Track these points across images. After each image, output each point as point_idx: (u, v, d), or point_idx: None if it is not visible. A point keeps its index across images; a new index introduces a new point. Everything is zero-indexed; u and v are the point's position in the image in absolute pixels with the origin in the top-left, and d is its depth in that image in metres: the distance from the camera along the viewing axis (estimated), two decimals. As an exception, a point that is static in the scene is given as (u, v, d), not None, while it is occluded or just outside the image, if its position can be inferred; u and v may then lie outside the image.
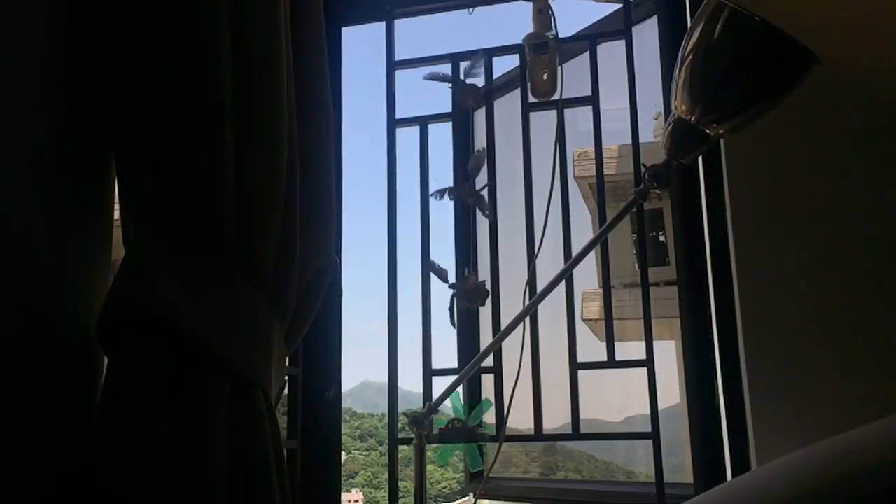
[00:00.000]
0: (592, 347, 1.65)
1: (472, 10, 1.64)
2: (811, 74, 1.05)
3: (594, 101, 1.53)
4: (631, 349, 1.49)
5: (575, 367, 1.45)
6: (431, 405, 1.40)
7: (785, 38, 1.02)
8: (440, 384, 1.45)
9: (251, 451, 0.95)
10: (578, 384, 1.44)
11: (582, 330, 1.76)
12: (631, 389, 1.63)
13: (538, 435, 1.46)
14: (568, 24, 1.58)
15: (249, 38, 1.04)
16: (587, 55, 1.55)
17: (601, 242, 1.44)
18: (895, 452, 0.72)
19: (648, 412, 1.37)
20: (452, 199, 1.57)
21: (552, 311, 1.53)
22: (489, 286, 1.51)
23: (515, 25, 1.63)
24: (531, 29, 1.56)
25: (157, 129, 0.97)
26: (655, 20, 1.53)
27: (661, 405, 1.39)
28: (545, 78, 1.54)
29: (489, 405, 1.46)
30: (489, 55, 1.60)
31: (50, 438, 0.90)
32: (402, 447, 1.51)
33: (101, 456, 0.87)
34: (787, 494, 0.78)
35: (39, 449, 0.88)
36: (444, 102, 1.61)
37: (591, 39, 1.56)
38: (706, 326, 1.38)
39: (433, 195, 1.58)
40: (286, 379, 1.29)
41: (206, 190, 0.97)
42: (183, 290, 0.93)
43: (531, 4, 1.57)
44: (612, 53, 1.54)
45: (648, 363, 1.40)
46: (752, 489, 0.88)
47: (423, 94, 1.60)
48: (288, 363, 1.32)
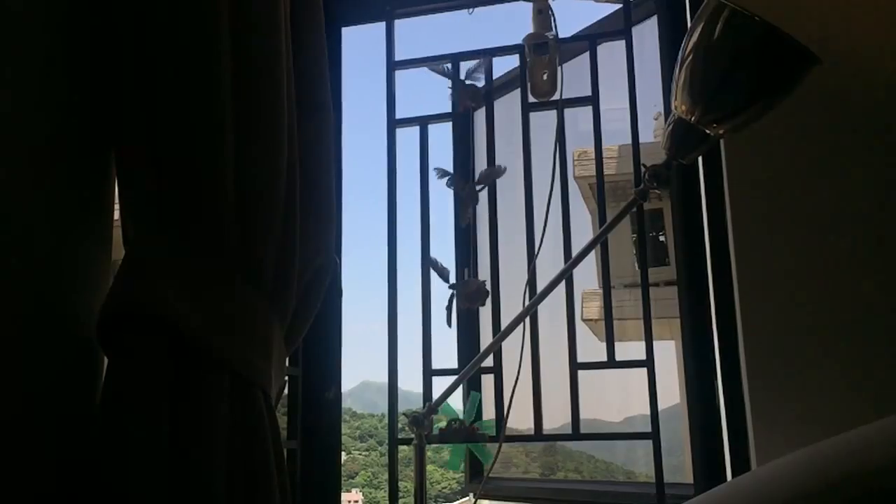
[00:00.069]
0: (592, 347, 1.65)
1: (472, 10, 1.64)
2: (811, 74, 1.05)
3: (594, 101, 1.53)
4: (631, 349, 1.49)
5: (575, 367, 1.45)
6: (431, 405, 1.40)
7: (785, 38, 1.02)
8: (440, 384, 1.45)
9: (251, 451, 0.95)
10: (578, 384, 1.44)
11: (582, 330, 1.76)
12: (631, 389, 1.63)
13: (538, 435, 1.46)
14: (568, 24, 1.58)
15: (249, 38, 1.04)
16: (587, 55, 1.55)
17: (601, 242, 1.44)
18: (895, 452, 0.72)
19: (648, 412, 1.37)
20: (452, 188, 1.57)
21: (552, 311, 1.53)
22: (489, 286, 1.51)
23: (515, 25, 1.63)
24: (531, 29, 1.56)
25: (157, 129, 0.97)
26: (655, 20, 1.52)
27: (661, 405, 1.38)
28: (545, 78, 1.54)
29: (478, 396, 1.46)
30: (489, 55, 1.60)
31: (50, 438, 0.90)
32: (402, 447, 1.51)
33: (101, 456, 0.87)
34: (787, 494, 0.78)
35: (39, 449, 0.88)
36: (444, 102, 1.61)
37: (591, 39, 1.56)
38: (706, 326, 1.38)
39: (435, 172, 1.57)
40: (286, 379, 1.29)
41: (206, 190, 0.97)
42: (183, 290, 0.93)
43: (531, 4, 1.56)
44: (612, 53, 1.54)
45: (648, 363, 1.40)
46: (752, 489, 0.88)
47: (423, 94, 1.60)
48: (288, 363, 1.32)
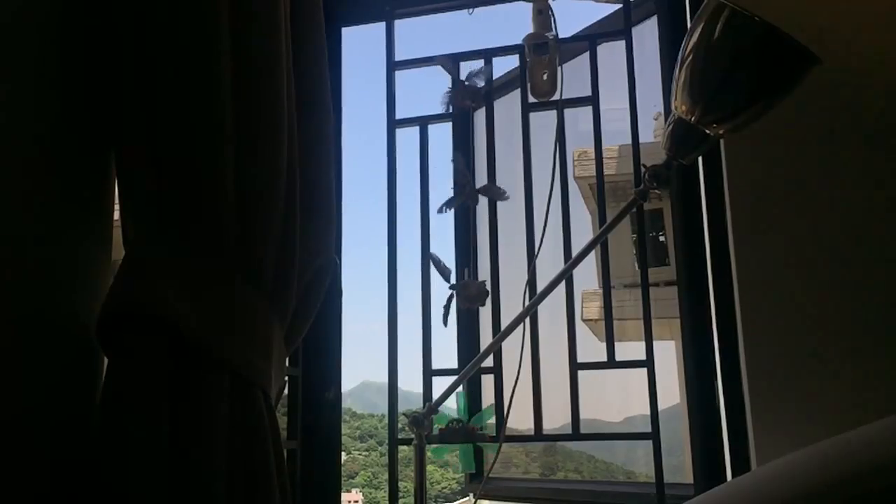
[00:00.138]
0: (592, 347, 1.65)
1: (472, 10, 1.64)
2: (811, 74, 1.05)
3: (594, 101, 1.52)
4: (631, 349, 1.49)
5: (575, 367, 1.45)
6: (431, 405, 1.40)
7: (785, 38, 1.02)
8: (440, 384, 1.45)
9: (251, 451, 0.95)
10: (578, 384, 1.44)
11: (582, 330, 1.76)
12: (631, 389, 1.63)
13: (538, 435, 1.46)
14: (568, 24, 1.58)
15: (249, 38, 1.04)
16: (587, 55, 1.55)
17: (601, 243, 1.44)
18: (895, 452, 0.72)
19: (648, 412, 1.37)
20: (456, 205, 1.57)
21: (552, 311, 1.53)
22: (489, 286, 1.51)
23: (515, 25, 1.63)
24: (531, 29, 1.56)
25: (157, 129, 0.97)
26: (655, 20, 1.52)
27: (661, 405, 1.38)
28: (545, 78, 1.54)
29: (490, 414, 1.46)
30: (489, 55, 1.60)
31: (50, 438, 0.90)
32: (402, 447, 1.51)
33: (101, 456, 0.87)
34: (787, 494, 0.78)
35: (39, 449, 0.88)
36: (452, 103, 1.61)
37: (591, 40, 1.56)
38: (706, 326, 1.38)
39: (441, 210, 1.57)
40: (286, 379, 1.29)
41: (206, 190, 0.97)
42: (183, 290, 0.93)
43: (531, 4, 1.56)
44: (612, 54, 1.54)
45: (648, 363, 1.40)
46: (752, 489, 0.88)
47: (423, 94, 1.60)
48: (288, 363, 1.32)
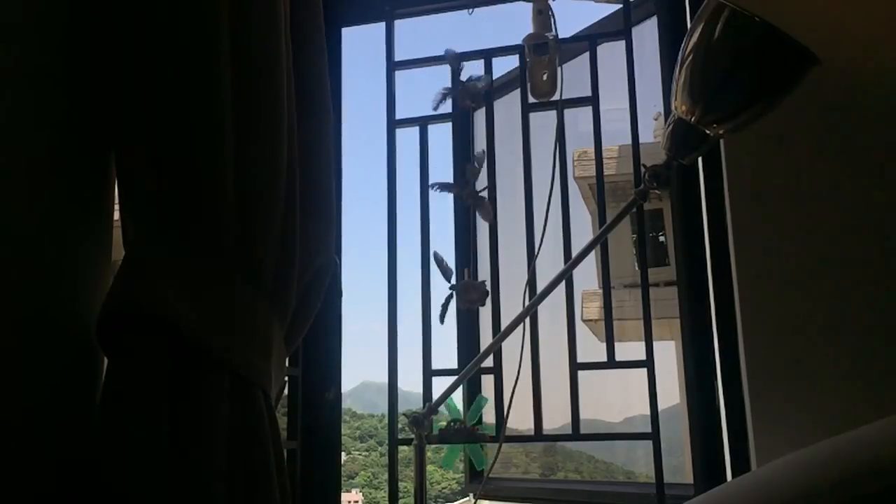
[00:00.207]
0: (592, 348, 1.65)
1: (471, 10, 1.64)
2: (811, 74, 1.05)
3: (594, 101, 1.53)
4: (631, 349, 1.49)
5: (575, 367, 1.45)
6: (431, 405, 1.40)
7: (785, 38, 1.02)
8: (440, 384, 1.45)
9: (251, 451, 0.95)
10: (578, 384, 1.44)
11: (582, 330, 1.76)
12: (631, 390, 1.63)
13: (538, 435, 1.46)
14: (568, 24, 1.58)
15: (249, 38, 1.04)
16: (587, 56, 1.55)
17: (601, 243, 1.44)
18: (895, 452, 0.72)
19: (648, 412, 1.37)
20: (453, 194, 1.57)
21: (552, 311, 1.53)
22: (489, 286, 1.51)
23: (515, 25, 1.63)
24: (531, 29, 1.56)
25: (157, 129, 0.97)
26: (655, 21, 1.53)
27: (661, 405, 1.38)
28: (545, 78, 1.54)
29: (485, 401, 1.46)
30: (489, 55, 1.60)
31: (50, 438, 0.90)
32: (402, 448, 1.51)
33: (101, 456, 0.87)
34: (787, 494, 0.78)
35: (39, 449, 0.88)
36: (444, 103, 1.61)
37: (590, 40, 1.56)
38: (706, 327, 1.38)
39: (433, 187, 1.57)
40: (286, 379, 1.29)
41: (206, 190, 0.97)
42: (183, 290, 0.93)
43: (531, 4, 1.56)
44: (612, 54, 1.54)
45: (648, 363, 1.40)
46: (752, 489, 0.88)
47: (423, 94, 1.60)
48: (288, 363, 1.32)
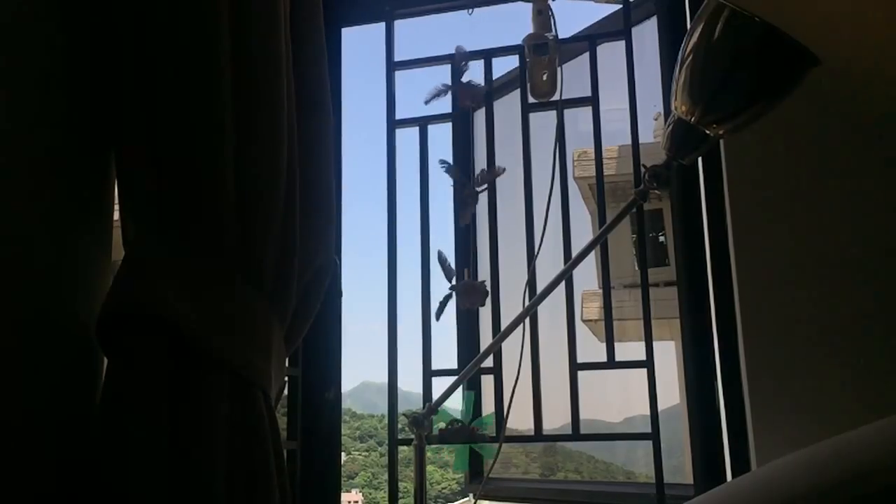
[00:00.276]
0: (592, 348, 1.65)
1: (471, 10, 1.64)
2: (811, 74, 1.05)
3: (594, 101, 1.53)
4: (631, 350, 1.49)
5: (575, 367, 1.45)
6: (431, 406, 1.40)
7: (785, 38, 1.02)
8: (440, 385, 1.45)
9: (251, 451, 0.95)
10: (578, 385, 1.44)
11: (582, 330, 1.76)
12: (631, 390, 1.63)
13: (538, 436, 1.46)
14: (568, 24, 1.58)
15: (249, 38, 1.04)
16: (587, 56, 1.55)
17: (601, 243, 1.44)
18: (895, 452, 0.72)
19: (648, 413, 1.37)
20: (453, 191, 1.56)
21: (552, 311, 1.53)
22: (489, 286, 1.51)
23: (515, 25, 1.63)
24: (531, 29, 1.56)
25: (157, 129, 0.97)
26: (655, 21, 1.53)
27: (661, 406, 1.38)
28: (545, 78, 1.54)
29: (491, 421, 1.46)
30: (489, 55, 1.60)
31: (50, 438, 0.90)
32: (402, 448, 1.51)
33: (101, 456, 0.87)
34: (787, 495, 0.78)
35: (39, 449, 0.88)
36: (444, 103, 1.61)
37: (590, 40, 1.56)
38: (706, 327, 1.38)
39: (441, 164, 1.56)
40: (286, 379, 1.29)
41: (206, 190, 0.97)
42: (183, 290, 0.93)
43: (531, 5, 1.56)
44: (612, 54, 1.54)
45: (648, 364, 1.40)
46: (752, 490, 0.88)
47: (423, 94, 1.60)
48: (288, 363, 1.32)
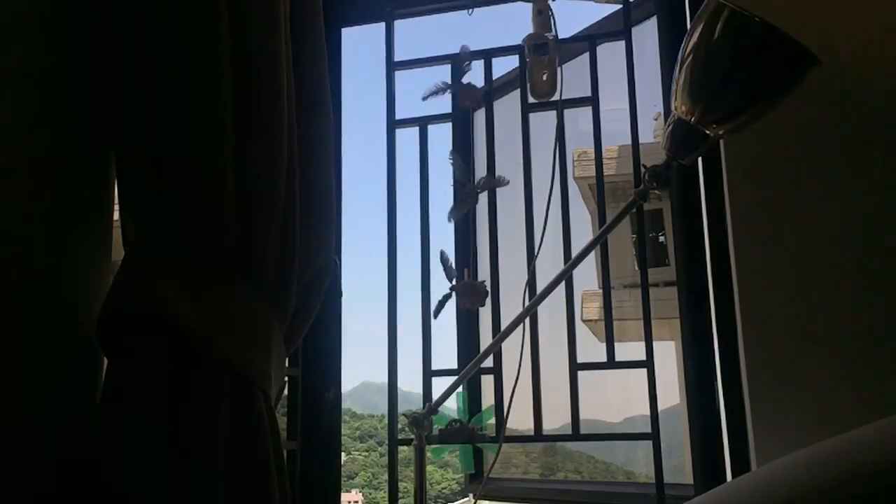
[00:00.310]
0: (592, 348, 1.65)
1: (471, 10, 1.64)
2: (811, 74, 1.05)
3: (594, 101, 1.52)
4: (631, 350, 1.49)
5: (575, 367, 1.45)
6: (431, 406, 1.40)
7: (785, 38, 1.02)
8: (440, 385, 1.45)
9: (251, 451, 0.95)
10: (578, 385, 1.44)
11: (582, 331, 1.76)
12: (631, 390, 1.63)
13: (538, 436, 1.46)
14: (568, 24, 1.58)
15: (249, 38, 1.04)
16: (587, 56, 1.55)
17: (601, 243, 1.44)
18: (895, 452, 0.72)
19: (648, 413, 1.37)
20: (454, 190, 1.56)
21: (552, 311, 1.53)
22: (489, 286, 1.51)
23: (515, 25, 1.63)
24: (531, 29, 1.56)
25: (157, 129, 0.97)
26: (655, 21, 1.52)
27: (661, 406, 1.38)
28: (545, 78, 1.54)
29: (490, 415, 1.46)
30: (489, 55, 1.60)
31: (50, 438, 0.90)
32: (401, 448, 1.51)
33: (101, 456, 0.87)
34: (787, 495, 0.78)
35: (39, 449, 0.88)
36: (444, 103, 1.62)
37: (590, 40, 1.56)
38: (706, 327, 1.38)
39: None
40: (286, 379, 1.29)
41: (206, 190, 0.97)
42: (183, 290, 0.93)
43: (531, 5, 1.56)
44: (612, 54, 1.54)
45: (648, 364, 1.40)
46: (752, 490, 0.88)
47: (423, 94, 1.60)
48: (288, 363, 1.32)
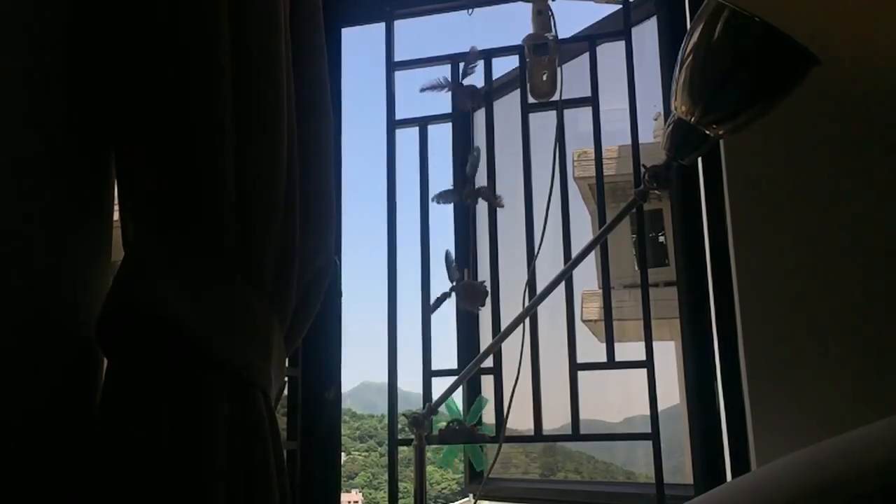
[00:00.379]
0: (592, 348, 1.65)
1: (471, 10, 1.64)
2: (811, 74, 1.05)
3: (594, 101, 1.53)
4: (631, 350, 1.49)
5: (575, 367, 1.45)
6: (431, 406, 1.40)
7: (785, 38, 1.02)
8: (440, 385, 1.45)
9: (251, 451, 0.95)
10: (578, 385, 1.44)
11: (582, 331, 1.76)
12: (631, 390, 1.63)
13: (538, 436, 1.46)
14: (567, 24, 1.58)
15: (249, 38, 1.04)
16: (587, 56, 1.55)
17: (601, 243, 1.44)
18: (895, 452, 0.72)
19: (648, 413, 1.37)
20: (453, 202, 1.57)
21: (552, 311, 1.53)
22: (489, 287, 1.51)
23: (515, 26, 1.63)
24: (531, 29, 1.56)
25: (157, 129, 0.97)
26: (655, 21, 1.52)
27: (660, 406, 1.38)
28: (545, 79, 1.54)
29: (486, 401, 1.46)
30: (489, 55, 1.60)
31: (50, 438, 0.90)
32: (401, 448, 1.51)
33: (101, 456, 0.87)
34: (787, 495, 0.78)
35: (39, 449, 0.88)
36: (443, 103, 1.62)
37: (590, 40, 1.56)
38: (706, 327, 1.38)
39: (434, 200, 1.57)
40: (286, 379, 1.29)
41: (206, 190, 0.97)
42: (183, 290, 0.93)
43: (531, 5, 1.56)
44: (611, 54, 1.54)
45: (648, 364, 1.40)
46: (752, 490, 0.88)
47: (422, 94, 1.60)
48: (288, 363, 1.32)
